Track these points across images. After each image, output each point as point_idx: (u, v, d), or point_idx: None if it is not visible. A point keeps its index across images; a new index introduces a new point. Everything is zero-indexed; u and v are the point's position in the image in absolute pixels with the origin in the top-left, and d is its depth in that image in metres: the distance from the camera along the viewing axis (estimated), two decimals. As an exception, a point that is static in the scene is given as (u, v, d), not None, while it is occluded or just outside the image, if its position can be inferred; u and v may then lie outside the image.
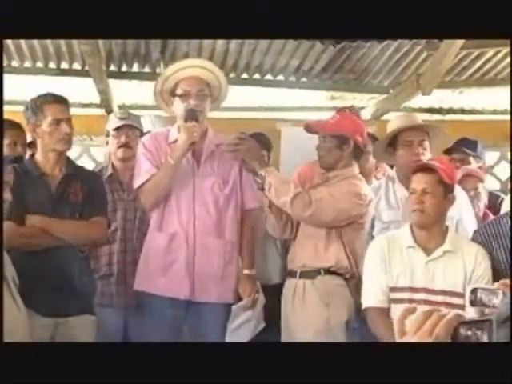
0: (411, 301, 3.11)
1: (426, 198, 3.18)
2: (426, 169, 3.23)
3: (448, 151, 4.69)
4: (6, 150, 3.73)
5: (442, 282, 3.18)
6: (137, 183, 3.51)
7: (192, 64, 3.59)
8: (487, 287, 1.19)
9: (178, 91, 3.48)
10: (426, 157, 3.60)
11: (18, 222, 3.19)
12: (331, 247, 3.48)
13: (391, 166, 4.28)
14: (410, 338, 1.13)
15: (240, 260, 3.55)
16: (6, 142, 3.78)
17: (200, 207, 3.45)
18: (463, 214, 3.72)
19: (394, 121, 3.87)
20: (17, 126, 3.87)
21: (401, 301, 3.17)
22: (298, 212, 3.43)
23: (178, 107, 3.47)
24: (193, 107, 3.43)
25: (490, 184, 5.95)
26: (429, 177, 3.19)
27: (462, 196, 3.80)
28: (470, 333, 1.08)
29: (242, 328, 3.50)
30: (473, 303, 1.18)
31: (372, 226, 3.68)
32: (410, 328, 1.14)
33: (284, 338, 3.57)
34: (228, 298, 3.48)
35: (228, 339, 3.45)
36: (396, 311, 3.17)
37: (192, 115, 3.40)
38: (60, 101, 3.32)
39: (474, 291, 1.18)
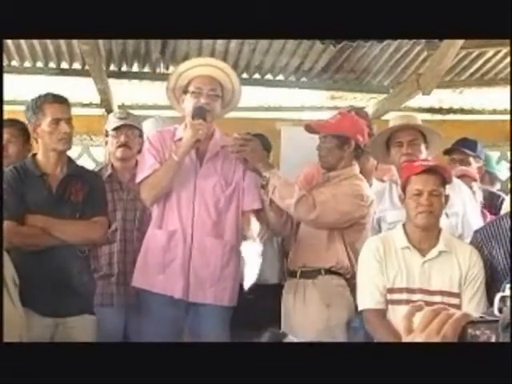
0: (408, 302, 3.11)
1: (434, 199, 3.18)
2: (429, 170, 3.23)
3: (448, 151, 4.70)
4: None
5: (439, 283, 3.19)
6: (139, 178, 3.51)
7: (207, 63, 3.58)
8: None
9: (190, 88, 3.47)
10: (419, 158, 3.59)
11: (19, 222, 3.19)
12: (332, 247, 3.48)
13: None
14: (418, 336, 1.13)
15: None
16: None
17: (200, 207, 3.45)
18: (468, 209, 3.74)
19: (391, 120, 3.88)
20: (11, 124, 3.87)
21: (398, 302, 3.17)
22: (302, 215, 3.43)
23: (188, 104, 3.46)
24: (202, 105, 3.42)
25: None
26: (434, 178, 3.20)
27: (466, 192, 3.83)
28: (478, 332, 1.08)
29: None
30: (501, 311, 1.18)
31: (379, 228, 3.69)
32: (418, 325, 1.14)
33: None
34: (224, 300, 3.46)
35: None
36: (393, 312, 3.17)
37: (200, 113, 3.39)
38: (60, 100, 3.32)
39: (502, 299, 1.18)
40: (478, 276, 3.20)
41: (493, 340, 1.05)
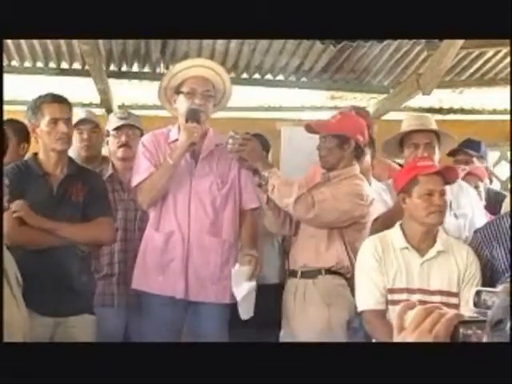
0: (408, 302, 3.11)
1: (442, 199, 3.21)
2: (436, 171, 3.27)
3: (452, 153, 4.70)
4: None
5: (438, 283, 3.20)
6: (135, 181, 3.52)
7: (201, 64, 3.59)
8: (491, 289, 1.19)
9: (184, 89, 3.47)
10: (433, 160, 3.63)
11: (20, 221, 3.19)
12: (332, 247, 3.48)
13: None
14: (409, 334, 1.14)
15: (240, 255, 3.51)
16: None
17: (197, 207, 3.45)
18: (475, 211, 3.77)
19: (406, 121, 3.89)
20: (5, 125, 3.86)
21: (398, 302, 3.16)
22: (301, 214, 3.43)
23: (182, 105, 3.47)
24: (196, 107, 3.43)
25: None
26: (441, 178, 3.24)
27: (473, 195, 3.86)
28: (470, 332, 1.08)
29: (246, 300, 3.44)
30: (476, 305, 1.18)
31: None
32: (410, 324, 1.15)
33: (284, 338, 3.57)
34: (225, 298, 3.47)
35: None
36: (393, 313, 3.17)
37: (194, 115, 3.40)
38: (59, 100, 3.32)
39: (478, 293, 1.18)
40: (475, 275, 3.22)
41: (484, 340, 1.06)
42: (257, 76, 5.92)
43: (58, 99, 3.32)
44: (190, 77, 3.49)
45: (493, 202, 4.47)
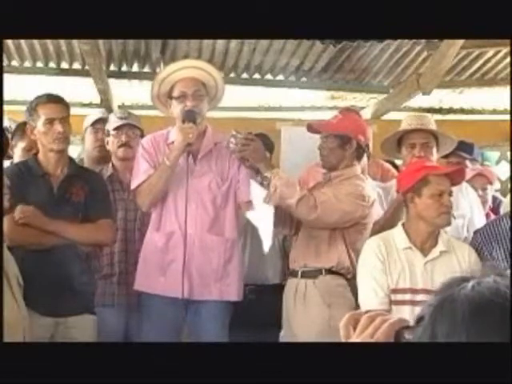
0: (412, 302, 3.11)
1: (449, 200, 3.23)
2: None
3: (445, 154, 4.69)
4: (20, 154, 3.75)
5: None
6: (134, 184, 3.52)
7: (186, 65, 3.59)
8: None
9: (175, 93, 3.48)
10: (430, 160, 3.63)
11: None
12: (333, 247, 3.48)
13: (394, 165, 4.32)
14: (353, 341, 1.17)
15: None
16: (21, 145, 3.79)
17: (197, 205, 3.45)
18: (474, 212, 3.76)
19: (406, 120, 3.89)
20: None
21: (402, 302, 3.16)
22: (304, 215, 3.43)
23: (176, 109, 3.48)
24: (191, 108, 3.43)
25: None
26: (448, 179, 3.24)
27: (473, 195, 3.86)
28: (412, 337, 1.10)
29: None
30: None
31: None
32: (355, 332, 1.18)
33: (285, 338, 3.57)
34: (230, 296, 3.47)
35: None
36: (397, 313, 3.17)
37: (189, 116, 3.40)
38: (54, 100, 3.32)
39: None
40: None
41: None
42: (257, 76, 5.91)
43: (53, 99, 3.32)
44: (177, 80, 3.49)
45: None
